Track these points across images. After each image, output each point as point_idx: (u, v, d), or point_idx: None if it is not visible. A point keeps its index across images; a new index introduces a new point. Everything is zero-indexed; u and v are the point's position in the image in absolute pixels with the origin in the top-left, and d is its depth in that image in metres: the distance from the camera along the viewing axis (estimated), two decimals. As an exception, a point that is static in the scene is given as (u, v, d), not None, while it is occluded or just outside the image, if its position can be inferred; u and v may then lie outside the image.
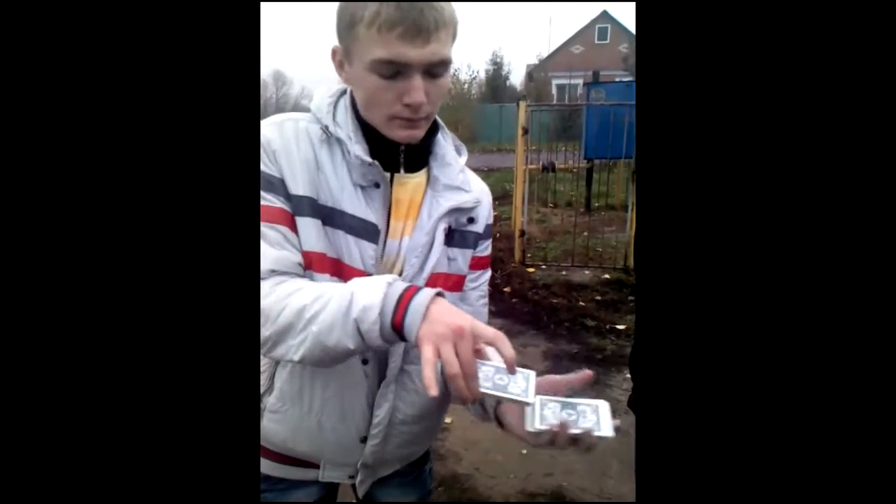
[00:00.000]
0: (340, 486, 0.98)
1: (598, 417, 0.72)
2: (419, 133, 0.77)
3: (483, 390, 0.68)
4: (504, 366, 0.69)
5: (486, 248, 0.93)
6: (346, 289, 0.69)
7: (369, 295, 0.67)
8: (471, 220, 0.87)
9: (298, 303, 0.70)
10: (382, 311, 0.67)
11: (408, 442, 0.91)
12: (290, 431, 0.86)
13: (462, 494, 2.08)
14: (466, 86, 25.01)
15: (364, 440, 0.87)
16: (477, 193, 0.87)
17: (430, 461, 1.06)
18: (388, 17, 0.67)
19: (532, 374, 0.72)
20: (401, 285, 0.69)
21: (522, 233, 4.96)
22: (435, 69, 0.72)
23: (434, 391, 0.62)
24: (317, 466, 0.91)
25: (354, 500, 1.01)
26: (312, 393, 0.84)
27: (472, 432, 2.43)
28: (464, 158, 0.88)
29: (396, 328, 0.67)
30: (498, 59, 28.42)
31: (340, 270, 0.78)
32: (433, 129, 0.83)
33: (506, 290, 4.33)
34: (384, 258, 0.81)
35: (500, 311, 3.90)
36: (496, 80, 28.19)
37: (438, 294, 0.69)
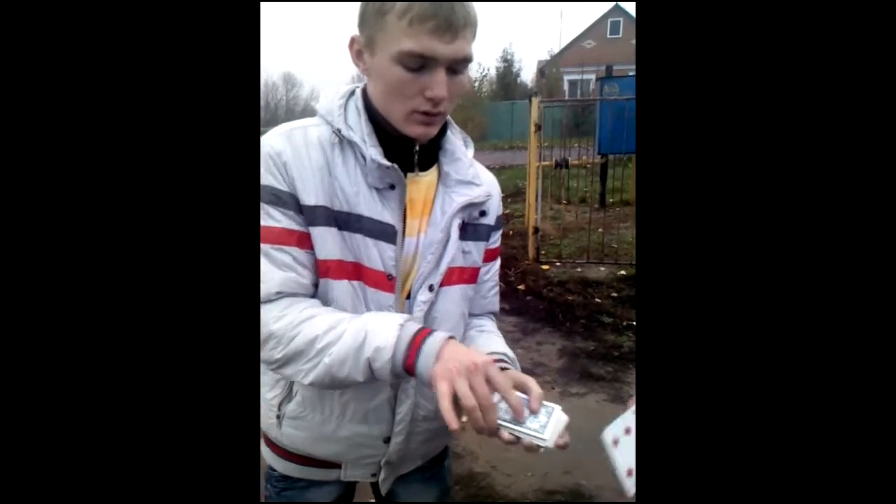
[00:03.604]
0: (360, 482, 0.98)
1: (546, 422, 0.71)
2: (434, 130, 0.78)
3: (500, 423, 0.68)
4: (526, 397, 0.70)
5: (497, 240, 0.95)
6: (360, 326, 0.72)
7: (382, 336, 0.70)
8: (483, 214, 0.88)
9: (311, 332, 0.72)
10: (395, 353, 0.70)
11: (430, 438, 0.91)
12: (312, 437, 0.87)
13: (479, 492, 2.07)
14: (477, 83, 24.98)
15: (387, 440, 0.87)
16: (487, 187, 0.88)
17: (449, 456, 1.06)
18: (421, 10, 0.68)
19: (556, 410, 0.71)
20: (412, 327, 0.72)
21: (536, 230, 4.94)
22: (458, 66, 0.73)
23: (455, 425, 0.65)
24: (338, 466, 0.91)
25: (373, 498, 1.01)
26: (332, 397, 0.84)
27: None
28: (470, 151, 0.88)
29: (407, 369, 0.70)
30: (508, 56, 28.39)
31: (360, 273, 0.78)
32: (443, 125, 0.83)
33: (520, 287, 4.31)
34: (402, 256, 0.81)
35: (514, 309, 3.89)
36: (507, 76, 28.14)
37: (450, 337, 0.71)
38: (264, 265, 0.74)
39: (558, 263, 4.89)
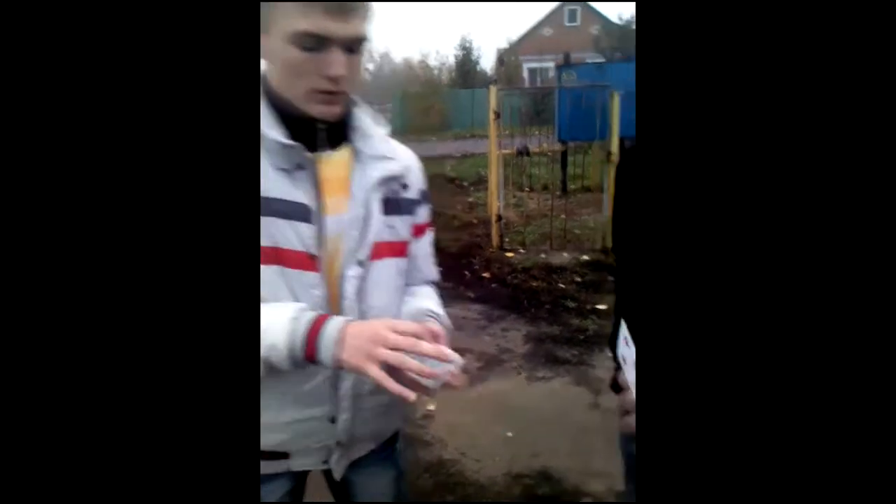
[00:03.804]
0: (311, 482, 0.96)
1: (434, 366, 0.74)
2: (336, 109, 0.78)
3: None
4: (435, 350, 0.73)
5: (424, 214, 0.96)
6: None
7: (275, 333, 0.72)
8: (404, 187, 0.89)
9: None
10: (291, 348, 0.71)
11: (378, 414, 0.90)
12: None
13: (448, 479, 2.09)
14: (437, 71, 24.87)
15: (333, 420, 0.85)
16: (404, 160, 0.90)
17: (400, 440, 1.05)
18: None
19: (450, 364, 0.72)
20: (306, 319, 0.73)
21: (499, 217, 4.97)
22: (354, 45, 0.74)
23: (412, 396, 0.67)
24: (286, 456, 0.88)
25: (328, 495, 1.00)
26: (269, 384, 0.80)
27: (455, 418, 2.44)
28: (383, 129, 0.89)
29: (309, 359, 0.72)
30: (467, 44, 28.25)
31: (279, 256, 0.78)
32: (349, 104, 0.84)
33: (485, 275, 4.34)
34: (326, 235, 0.81)
35: (479, 297, 3.91)
36: (466, 64, 28.03)
37: (349, 321, 0.74)
38: None
39: (522, 250, 4.94)
